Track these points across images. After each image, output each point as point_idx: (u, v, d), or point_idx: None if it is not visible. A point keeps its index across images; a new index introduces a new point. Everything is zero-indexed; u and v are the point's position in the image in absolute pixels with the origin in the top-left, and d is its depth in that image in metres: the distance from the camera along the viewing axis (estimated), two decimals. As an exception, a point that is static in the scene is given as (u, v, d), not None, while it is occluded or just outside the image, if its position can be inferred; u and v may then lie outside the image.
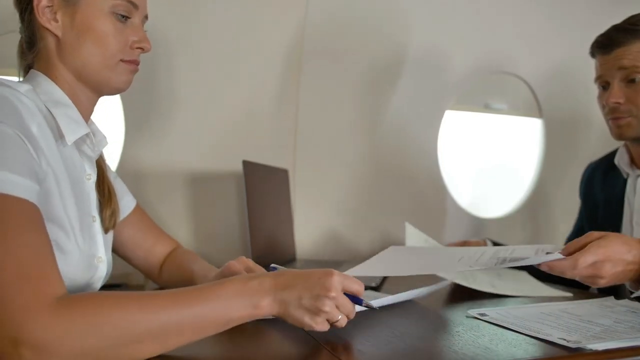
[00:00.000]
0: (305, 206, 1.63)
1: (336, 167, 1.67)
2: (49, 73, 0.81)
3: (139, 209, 1.04)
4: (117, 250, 0.99)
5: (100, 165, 0.90)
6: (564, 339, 0.68)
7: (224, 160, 1.49)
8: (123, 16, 0.83)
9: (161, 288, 1.07)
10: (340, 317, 0.66)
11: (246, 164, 1.22)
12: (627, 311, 0.88)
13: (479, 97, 1.89)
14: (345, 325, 0.68)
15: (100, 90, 0.85)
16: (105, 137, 0.88)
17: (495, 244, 1.36)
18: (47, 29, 0.80)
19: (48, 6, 0.79)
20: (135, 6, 0.85)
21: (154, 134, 1.41)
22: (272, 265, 0.80)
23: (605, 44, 1.16)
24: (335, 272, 0.67)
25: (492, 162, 2.02)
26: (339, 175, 1.67)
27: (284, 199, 1.52)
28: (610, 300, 0.98)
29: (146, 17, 0.90)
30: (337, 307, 0.66)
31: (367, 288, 0.97)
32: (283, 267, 0.77)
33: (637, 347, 0.68)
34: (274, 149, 1.58)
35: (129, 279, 1.26)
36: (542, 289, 1.15)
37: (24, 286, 0.56)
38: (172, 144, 1.42)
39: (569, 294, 1.08)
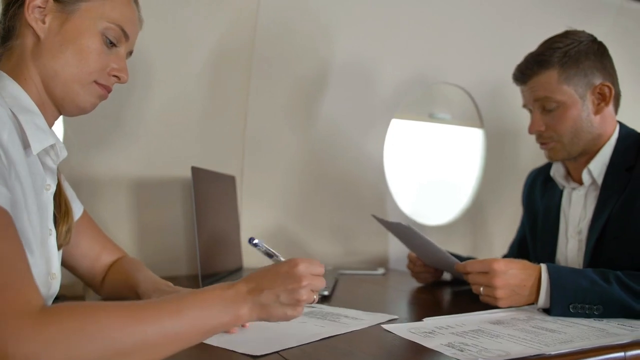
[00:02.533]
0: (252, 213, 1.61)
1: (283, 173, 1.66)
2: (17, 73, 0.77)
3: (86, 216, 0.99)
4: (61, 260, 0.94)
5: (59, 176, 0.85)
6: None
7: (169, 166, 1.45)
8: (111, 42, 0.82)
9: (104, 299, 1.02)
10: (315, 296, 0.71)
11: (195, 170, 1.18)
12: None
13: (424, 107, 1.93)
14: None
15: (63, 105, 0.82)
16: (64, 147, 0.83)
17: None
18: (32, 27, 0.77)
19: (40, 7, 0.77)
20: (126, 36, 0.85)
21: (96, 137, 1.34)
22: (252, 237, 0.79)
23: (518, 77, 1.23)
24: (299, 260, 0.71)
25: (436, 170, 2.07)
26: (286, 181, 1.66)
27: (232, 205, 1.49)
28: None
29: (130, 52, 0.89)
30: (311, 290, 0.70)
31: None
32: (262, 241, 0.79)
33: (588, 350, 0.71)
34: (221, 154, 1.55)
35: (67, 290, 1.19)
36: None
37: (4, 295, 0.52)
38: (115, 148, 1.37)
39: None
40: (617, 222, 1.10)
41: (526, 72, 1.20)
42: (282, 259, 0.77)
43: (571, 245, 1.22)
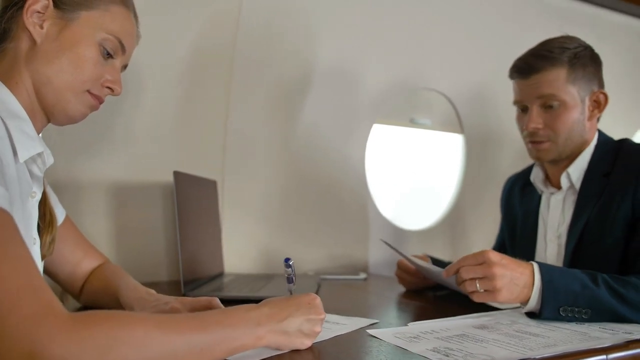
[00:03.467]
0: (233, 218, 1.59)
1: (265, 179, 1.65)
2: (8, 76, 0.76)
3: (68, 221, 0.97)
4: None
5: (44, 184, 0.84)
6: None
7: (149, 170, 1.43)
8: (108, 53, 0.82)
9: (84, 306, 1.00)
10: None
11: (177, 175, 1.17)
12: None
13: (405, 112, 1.95)
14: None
15: (53, 113, 0.81)
16: (50, 154, 0.82)
17: (433, 260, 1.38)
18: (29, 31, 0.76)
19: (39, 12, 0.76)
20: (123, 49, 0.85)
21: (76, 142, 1.32)
22: (288, 258, 0.82)
23: (523, 70, 1.19)
24: (316, 295, 0.75)
25: (417, 175, 2.08)
26: (268, 185, 1.65)
27: (213, 211, 1.47)
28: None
29: (125, 66, 0.89)
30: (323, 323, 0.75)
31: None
32: (291, 267, 0.81)
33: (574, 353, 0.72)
34: (202, 159, 1.53)
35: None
36: None
37: (32, 299, 0.52)
38: (95, 153, 1.35)
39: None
40: (595, 227, 1.12)
41: (534, 65, 1.16)
42: (294, 289, 0.82)
43: (550, 249, 1.24)
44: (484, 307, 1.03)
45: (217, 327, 0.63)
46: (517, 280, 0.92)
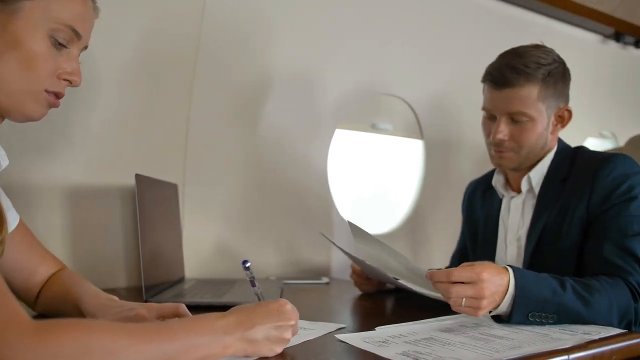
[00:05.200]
0: (194, 223, 1.56)
1: (227, 182, 1.63)
2: None
3: (22, 226, 0.92)
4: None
5: None
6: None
7: (108, 173, 1.39)
8: (60, 44, 0.75)
9: (39, 314, 0.96)
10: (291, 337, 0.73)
11: (139, 178, 1.14)
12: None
13: (367, 117, 1.96)
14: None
15: (8, 113, 0.75)
16: (5, 155, 0.77)
17: None
18: None
19: None
20: (78, 36, 0.77)
21: (30, 142, 1.27)
22: (245, 260, 0.80)
23: (498, 81, 1.18)
24: (286, 301, 0.74)
25: (378, 180, 2.11)
26: (229, 190, 1.63)
27: (174, 214, 1.44)
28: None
29: (85, 47, 0.82)
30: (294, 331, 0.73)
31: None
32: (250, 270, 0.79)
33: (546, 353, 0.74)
34: (162, 162, 1.50)
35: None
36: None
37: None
38: (50, 154, 1.29)
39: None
40: (552, 230, 1.17)
41: (509, 79, 1.15)
42: (260, 292, 0.81)
43: (510, 251, 1.28)
44: (444, 309, 1.05)
45: (185, 335, 0.61)
46: (498, 295, 0.91)
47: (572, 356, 0.76)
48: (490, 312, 0.93)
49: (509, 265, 0.95)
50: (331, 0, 1.69)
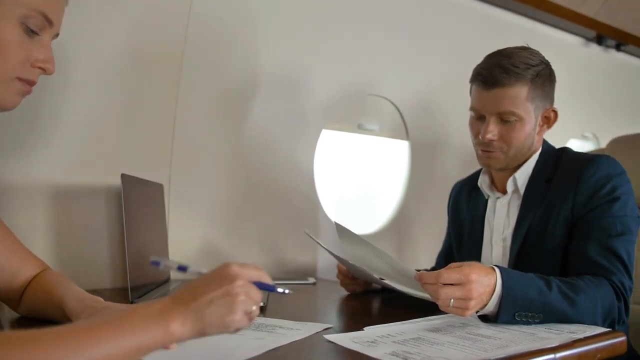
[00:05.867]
0: (180, 223, 1.55)
1: (213, 183, 1.62)
2: None
3: (3, 227, 0.91)
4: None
5: None
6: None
7: (92, 172, 1.37)
8: (33, 31, 0.73)
9: (22, 317, 0.94)
10: (254, 307, 0.62)
11: (125, 178, 1.12)
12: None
13: (353, 118, 1.96)
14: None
15: None
16: None
17: None
18: None
19: None
20: (50, 23, 0.75)
21: (11, 140, 1.25)
22: (153, 260, 0.70)
23: (488, 80, 1.18)
24: (230, 263, 0.63)
25: (365, 180, 2.11)
26: (216, 190, 1.62)
27: (160, 214, 1.43)
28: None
29: (57, 35, 0.80)
30: (249, 296, 0.61)
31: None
32: (166, 259, 0.70)
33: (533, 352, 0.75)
34: (147, 161, 1.48)
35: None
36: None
37: None
38: (33, 153, 1.27)
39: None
40: (538, 229, 1.18)
41: (499, 79, 1.16)
42: (204, 270, 0.68)
43: (495, 251, 1.29)
44: (430, 309, 1.06)
45: (121, 332, 0.55)
46: (485, 295, 0.92)
47: (558, 355, 0.77)
48: (477, 312, 0.94)
49: (495, 266, 0.96)
50: (319, 1, 1.68)
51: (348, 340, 0.82)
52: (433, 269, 1.47)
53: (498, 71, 1.17)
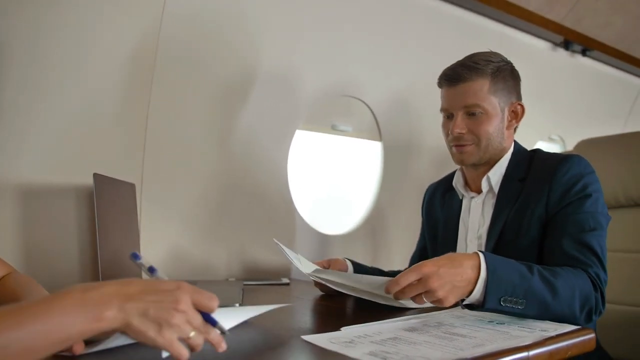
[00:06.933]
0: (152, 223, 1.53)
1: (186, 183, 1.60)
2: None
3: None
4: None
5: None
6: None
7: (60, 171, 1.34)
8: None
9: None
10: (192, 333, 0.60)
11: (97, 177, 1.10)
12: (476, 319, 0.98)
13: (327, 118, 1.97)
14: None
15: None
16: None
17: (353, 264, 1.41)
18: None
19: None
20: None
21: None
22: (134, 252, 0.70)
23: (452, 78, 1.28)
24: (186, 284, 0.62)
25: (339, 181, 2.11)
26: (190, 190, 1.60)
27: (132, 215, 1.40)
28: (458, 310, 1.07)
29: None
30: (187, 322, 0.60)
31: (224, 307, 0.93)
32: (142, 258, 0.70)
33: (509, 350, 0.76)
34: (118, 161, 1.46)
35: None
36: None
37: None
38: (1, 153, 1.24)
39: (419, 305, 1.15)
40: (512, 227, 1.21)
41: (462, 75, 1.25)
42: (165, 278, 0.69)
43: (470, 250, 1.31)
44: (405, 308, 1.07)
45: (46, 315, 0.53)
46: (459, 282, 0.94)
47: (531, 352, 0.78)
48: (462, 300, 0.97)
49: (480, 251, 0.99)
50: (292, 2, 1.68)
51: (325, 340, 0.82)
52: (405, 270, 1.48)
53: (461, 69, 1.26)
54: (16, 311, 0.54)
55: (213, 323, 0.65)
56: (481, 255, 0.97)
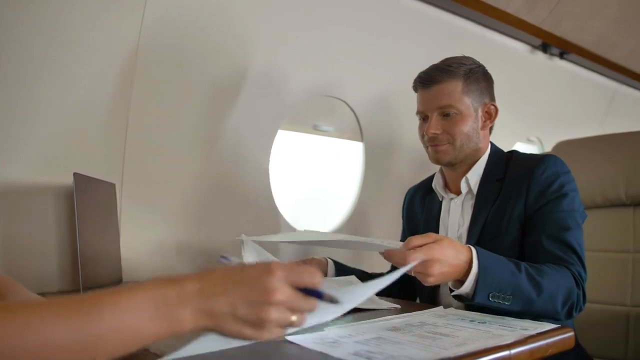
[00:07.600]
0: (132, 223, 1.51)
1: (167, 183, 1.58)
2: None
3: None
4: None
5: None
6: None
7: (41, 172, 1.31)
8: None
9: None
10: (295, 317, 0.54)
11: (77, 177, 1.09)
12: (458, 319, 0.99)
13: (309, 119, 1.97)
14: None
15: None
16: None
17: (335, 263, 1.42)
18: None
19: None
20: None
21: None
22: (223, 256, 0.67)
23: (425, 81, 1.31)
24: (277, 267, 0.53)
25: (319, 181, 2.12)
26: (172, 191, 1.59)
27: (112, 215, 1.39)
28: (440, 310, 1.08)
29: None
30: (287, 310, 0.53)
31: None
32: (235, 259, 0.65)
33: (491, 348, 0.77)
34: (99, 161, 1.44)
35: None
36: (373, 301, 1.20)
37: None
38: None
39: (398, 306, 1.16)
40: (492, 226, 1.24)
41: (435, 77, 1.29)
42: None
43: (450, 249, 1.33)
44: (387, 309, 1.07)
45: (118, 311, 0.48)
46: (452, 274, 0.98)
47: (513, 351, 0.80)
48: (452, 291, 1.01)
49: (473, 245, 1.01)
50: (274, 3, 1.68)
51: (310, 340, 0.82)
52: (389, 272, 1.48)
53: (434, 72, 1.30)
54: (87, 301, 0.48)
55: (319, 296, 0.57)
56: (473, 250, 1.00)
